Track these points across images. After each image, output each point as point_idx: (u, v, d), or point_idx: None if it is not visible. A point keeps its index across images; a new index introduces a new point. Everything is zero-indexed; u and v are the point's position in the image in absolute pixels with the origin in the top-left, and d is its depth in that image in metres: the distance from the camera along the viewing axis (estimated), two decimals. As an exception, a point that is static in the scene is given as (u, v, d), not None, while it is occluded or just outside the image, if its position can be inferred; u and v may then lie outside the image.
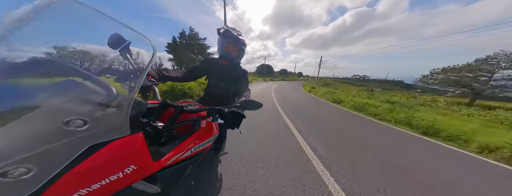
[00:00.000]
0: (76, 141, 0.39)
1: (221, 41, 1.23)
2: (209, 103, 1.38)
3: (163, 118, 0.87)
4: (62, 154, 0.37)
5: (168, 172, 0.67)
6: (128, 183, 0.51)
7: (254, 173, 1.67)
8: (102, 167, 0.45)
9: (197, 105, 1.03)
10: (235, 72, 1.32)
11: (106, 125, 0.46)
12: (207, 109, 0.81)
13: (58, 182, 0.37)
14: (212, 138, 0.96)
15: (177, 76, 1.14)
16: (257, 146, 2.30)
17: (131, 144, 0.51)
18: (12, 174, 0.31)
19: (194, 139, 0.81)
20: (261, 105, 0.83)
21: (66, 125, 0.37)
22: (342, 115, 5.44)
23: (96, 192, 0.43)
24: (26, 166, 0.32)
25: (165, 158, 0.63)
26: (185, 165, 0.78)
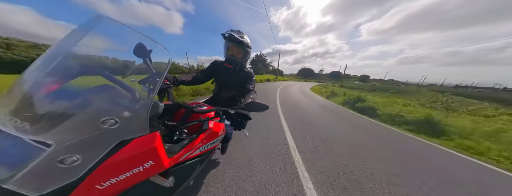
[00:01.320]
0: (109, 137, 0.47)
1: (226, 45, 1.25)
2: (217, 104, 1.43)
3: (176, 118, 0.93)
4: (99, 148, 0.45)
5: (179, 169, 0.72)
6: (146, 176, 0.57)
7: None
8: (127, 161, 0.51)
9: (206, 106, 1.07)
10: (241, 75, 1.35)
11: (131, 124, 0.52)
12: (214, 110, 0.84)
13: (96, 171, 0.45)
14: (219, 138, 0.99)
15: (188, 80, 1.22)
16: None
17: (150, 142, 0.56)
18: (66, 161, 0.39)
19: (202, 139, 0.84)
20: (267, 107, 0.82)
21: (102, 124, 0.45)
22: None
23: (122, 182, 0.50)
24: (76, 156, 0.40)
25: (177, 155, 0.68)
26: (194, 163, 0.83)
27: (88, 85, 0.52)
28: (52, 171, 0.39)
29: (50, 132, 0.39)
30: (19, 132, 0.38)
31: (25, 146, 0.39)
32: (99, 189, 0.47)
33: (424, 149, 2.87)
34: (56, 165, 0.38)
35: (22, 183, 0.36)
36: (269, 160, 1.86)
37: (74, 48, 0.48)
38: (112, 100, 0.52)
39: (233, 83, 1.36)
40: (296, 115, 4.22)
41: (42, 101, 0.43)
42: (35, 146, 0.39)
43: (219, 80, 1.42)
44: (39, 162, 0.37)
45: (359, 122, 4.37)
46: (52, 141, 0.39)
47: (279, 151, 2.13)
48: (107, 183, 0.48)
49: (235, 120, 0.82)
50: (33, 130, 0.39)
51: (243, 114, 0.81)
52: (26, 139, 0.39)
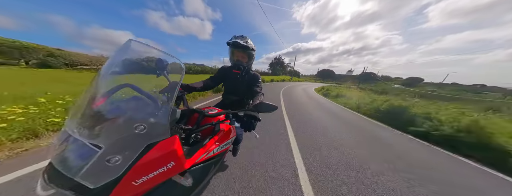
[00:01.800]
0: (140, 140, 0.55)
1: (231, 51, 1.31)
2: (226, 107, 1.50)
3: (191, 122, 0.98)
4: (133, 150, 0.54)
5: (196, 169, 0.77)
6: (169, 175, 0.62)
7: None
8: (154, 161, 0.57)
9: (216, 110, 1.11)
10: (247, 78, 1.39)
11: (156, 129, 0.60)
12: (224, 113, 0.88)
13: (132, 170, 0.53)
14: (230, 140, 1.03)
15: (200, 87, 1.31)
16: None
17: (171, 145, 0.61)
18: (111, 161, 0.49)
19: (215, 141, 0.88)
20: (276, 108, 0.83)
21: (135, 129, 0.54)
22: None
23: (151, 180, 0.57)
24: (117, 156, 0.50)
25: (194, 156, 0.73)
26: (210, 164, 0.87)
27: (123, 97, 0.63)
28: (102, 168, 0.48)
29: (101, 137, 0.50)
30: (82, 137, 0.49)
31: (87, 148, 0.50)
32: (134, 185, 0.54)
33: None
34: (105, 163, 0.48)
35: (85, 177, 0.47)
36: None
37: (113, 69, 0.60)
38: (141, 109, 0.62)
39: (240, 87, 1.42)
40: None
41: (94, 112, 0.54)
42: (92, 148, 0.49)
43: (227, 85, 1.51)
44: (94, 161, 0.47)
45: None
46: (102, 144, 0.49)
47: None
48: (140, 180, 0.55)
49: (245, 122, 0.84)
50: (90, 135, 0.49)
51: (252, 116, 0.83)
52: (86, 143, 0.50)
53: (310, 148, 2.39)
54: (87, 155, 0.49)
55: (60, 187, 0.48)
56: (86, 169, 0.47)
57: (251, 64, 1.42)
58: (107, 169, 0.49)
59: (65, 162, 0.51)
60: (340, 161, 2.08)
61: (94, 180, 0.47)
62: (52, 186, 0.48)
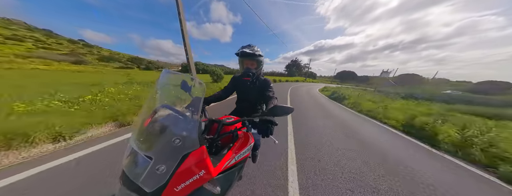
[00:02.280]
0: (177, 152, 0.64)
1: (241, 61, 1.40)
2: (241, 114, 1.56)
3: (211, 132, 1.02)
4: (173, 160, 0.63)
5: (222, 177, 0.81)
6: (201, 183, 0.67)
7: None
8: (189, 170, 0.64)
9: (233, 118, 1.14)
10: (258, 84, 1.45)
11: (188, 141, 0.66)
12: (240, 121, 0.90)
13: (173, 177, 0.62)
14: (249, 146, 1.04)
15: (216, 97, 1.44)
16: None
17: (200, 154, 0.67)
18: (159, 169, 0.59)
19: (235, 149, 0.91)
20: (291, 110, 0.82)
21: (173, 142, 0.64)
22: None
23: (188, 186, 0.64)
24: (163, 166, 0.60)
25: (218, 165, 0.78)
26: (233, 172, 0.90)
27: (163, 116, 0.78)
28: (154, 175, 0.59)
29: (151, 150, 0.62)
30: (139, 150, 0.62)
31: (143, 159, 0.63)
32: (175, 191, 0.62)
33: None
34: (155, 172, 0.59)
35: (144, 182, 0.58)
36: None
37: (154, 94, 0.79)
38: (176, 125, 0.73)
39: (252, 93, 1.48)
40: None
41: (145, 130, 0.69)
42: (146, 159, 0.62)
43: (239, 93, 1.60)
44: (149, 169, 0.59)
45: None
46: (152, 156, 0.61)
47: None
48: (179, 187, 0.62)
49: (261, 127, 0.84)
50: (144, 149, 0.63)
51: (268, 120, 0.84)
52: (142, 155, 0.63)
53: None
54: (144, 164, 0.61)
55: (129, 188, 0.61)
56: (144, 176, 0.59)
57: (261, 70, 1.47)
58: (157, 176, 0.59)
59: (131, 169, 0.65)
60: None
61: (150, 185, 0.58)
62: (125, 188, 0.62)
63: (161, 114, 0.78)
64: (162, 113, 0.79)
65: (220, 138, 0.89)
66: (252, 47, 1.34)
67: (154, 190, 0.58)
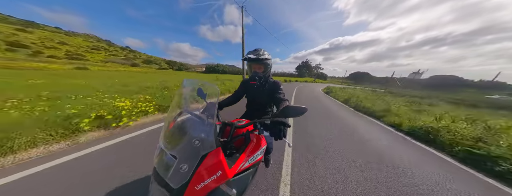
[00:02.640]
0: (197, 152, 0.69)
1: (248, 65, 1.44)
2: (252, 117, 1.56)
3: (225, 135, 1.04)
4: (194, 160, 0.68)
5: (237, 180, 0.82)
6: (218, 183, 0.69)
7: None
8: (207, 170, 0.67)
9: (244, 121, 1.15)
10: (267, 87, 1.45)
11: (205, 143, 0.71)
12: (252, 123, 0.91)
13: (194, 176, 0.66)
14: (262, 150, 1.04)
15: (228, 102, 1.50)
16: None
17: (217, 156, 0.70)
18: (182, 168, 0.65)
19: (248, 152, 0.92)
20: (305, 110, 0.78)
21: (193, 143, 0.69)
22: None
23: (206, 186, 0.66)
24: (185, 165, 0.65)
25: (233, 167, 0.78)
26: (247, 175, 0.90)
27: (184, 119, 0.86)
28: (178, 173, 0.65)
29: (176, 150, 0.69)
30: (166, 150, 0.70)
31: (170, 158, 0.69)
32: (196, 190, 0.65)
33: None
34: (179, 170, 0.65)
35: (170, 178, 0.64)
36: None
37: (176, 99, 0.89)
38: (195, 128, 0.79)
39: (260, 96, 1.49)
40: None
41: (170, 132, 0.78)
42: (172, 158, 0.69)
43: (248, 96, 1.61)
44: (174, 167, 0.65)
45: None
46: (177, 155, 0.67)
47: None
48: (199, 186, 0.65)
49: (273, 129, 0.82)
50: (169, 148, 0.70)
51: (279, 122, 0.81)
52: (169, 154, 0.70)
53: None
54: (171, 163, 0.68)
55: (159, 184, 0.67)
56: (171, 173, 0.65)
57: (269, 72, 1.47)
58: (181, 174, 0.65)
59: (160, 167, 0.72)
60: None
61: (175, 182, 0.64)
62: (156, 183, 0.69)
63: (182, 118, 0.87)
64: (183, 117, 0.88)
65: (233, 140, 0.91)
66: (258, 51, 1.34)
67: (179, 187, 0.64)
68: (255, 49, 1.40)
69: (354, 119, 5.01)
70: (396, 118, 4.62)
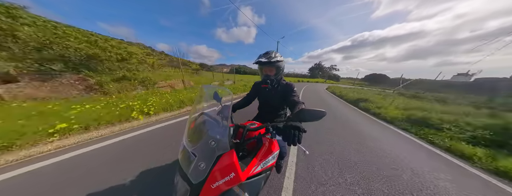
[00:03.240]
0: (213, 152, 0.72)
1: (259, 68, 1.43)
2: (264, 120, 1.56)
3: (237, 137, 1.02)
4: (210, 159, 0.71)
5: (249, 183, 0.82)
6: (231, 185, 0.70)
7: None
8: (222, 170, 0.69)
9: (256, 124, 1.14)
10: (280, 89, 1.42)
11: (220, 144, 0.75)
12: (264, 127, 0.89)
13: (210, 175, 0.68)
14: (274, 155, 1.02)
15: (241, 104, 1.56)
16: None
17: (231, 157, 0.72)
18: (201, 166, 0.70)
19: (260, 156, 0.92)
20: (323, 113, 0.72)
21: (210, 144, 0.75)
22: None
23: (220, 186, 0.69)
24: (203, 163, 0.71)
25: (246, 170, 0.79)
26: (259, 180, 0.89)
27: (202, 121, 0.94)
28: (197, 170, 0.71)
29: (195, 148, 0.76)
30: (188, 147, 0.78)
31: (190, 155, 0.76)
32: (211, 188, 0.68)
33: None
34: (198, 167, 0.70)
35: (191, 174, 0.70)
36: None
37: (195, 103, 0.98)
38: (212, 129, 0.86)
39: (272, 99, 1.48)
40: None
41: (191, 131, 0.86)
42: (193, 155, 0.75)
43: (260, 99, 1.61)
44: (194, 164, 0.72)
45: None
46: (196, 153, 0.74)
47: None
48: (214, 185, 0.68)
49: (286, 134, 0.77)
50: (190, 146, 0.77)
51: (293, 126, 0.76)
52: (190, 151, 0.77)
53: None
54: (191, 159, 0.75)
55: (183, 178, 0.74)
56: (191, 169, 0.71)
57: (281, 75, 1.44)
58: (199, 171, 0.70)
59: (183, 162, 0.79)
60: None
61: (195, 178, 0.70)
62: (180, 177, 0.76)
63: (201, 119, 0.95)
64: (202, 118, 0.96)
65: (245, 143, 0.91)
66: (269, 54, 1.33)
67: (197, 183, 0.69)
68: (266, 52, 1.39)
69: (332, 99, 9.62)
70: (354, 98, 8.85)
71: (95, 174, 1.68)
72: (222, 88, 1.08)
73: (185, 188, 0.71)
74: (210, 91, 1.09)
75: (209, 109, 1.09)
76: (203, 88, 1.07)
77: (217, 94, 1.17)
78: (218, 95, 1.16)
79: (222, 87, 1.07)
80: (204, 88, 1.07)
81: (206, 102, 1.09)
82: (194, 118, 0.96)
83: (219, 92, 1.13)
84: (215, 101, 1.17)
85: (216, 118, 0.95)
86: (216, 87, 1.10)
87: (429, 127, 4.08)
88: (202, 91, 1.07)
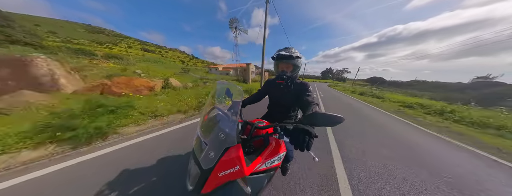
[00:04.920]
0: (222, 144, 0.79)
1: (276, 64, 1.36)
2: (273, 119, 1.51)
3: (245, 133, 1.04)
4: (219, 150, 0.78)
5: (253, 179, 0.86)
6: (235, 177, 0.75)
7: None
8: (229, 161, 0.75)
9: (265, 123, 1.15)
10: (294, 88, 1.35)
11: (228, 137, 0.80)
12: (272, 126, 0.90)
13: (218, 164, 0.75)
14: (280, 156, 1.02)
15: (250, 100, 1.55)
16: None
17: (237, 151, 0.76)
18: (210, 154, 0.78)
19: (265, 155, 0.94)
20: (340, 120, 0.65)
21: (219, 136, 0.81)
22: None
23: (226, 176, 0.75)
24: (212, 152, 0.78)
25: (250, 165, 0.83)
26: (263, 177, 0.92)
27: (214, 114, 1.03)
28: (207, 158, 0.78)
29: (207, 138, 0.84)
30: (201, 137, 0.87)
31: (202, 143, 0.85)
32: (218, 176, 0.75)
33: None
34: (208, 155, 0.78)
35: (202, 160, 0.79)
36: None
37: (211, 98, 1.08)
38: (222, 122, 0.92)
39: (285, 97, 1.40)
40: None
41: (205, 123, 0.95)
42: (204, 144, 0.83)
43: (272, 96, 1.54)
44: (205, 151, 0.80)
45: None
46: (207, 142, 0.82)
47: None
48: (221, 173, 0.75)
49: (295, 137, 0.71)
50: (203, 136, 0.86)
51: (303, 130, 0.69)
52: (202, 140, 0.86)
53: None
54: (203, 147, 0.83)
55: (195, 162, 0.83)
56: (202, 156, 0.79)
57: (297, 73, 1.36)
58: (209, 159, 0.78)
59: (196, 149, 0.88)
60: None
61: (205, 164, 0.78)
62: (193, 161, 0.85)
63: (213, 113, 1.03)
64: (214, 112, 1.04)
65: (252, 140, 0.93)
66: (289, 49, 1.28)
67: (207, 169, 0.77)
68: (285, 47, 1.33)
69: (328, 88, 22.96)
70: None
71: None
72: (233, 85, 1.14)
73: (197, 171, 0.80)
74: (222, 87, 1.16)
75: (221, 105, 1.17)
76: (217, 84, 1.16)
77: (229, 91, 1.23)
78: (229, 91, 1.23)
79: (234, 84, 1.13)
80: (218, 84, 1.16)
81: (218, 97, 1.16)
82: (208, 112, 1.05)
83: (230, 88, 1.19)
84: (227, 97, 1.24)
85: (227, 113, 1.01)
86: (228, 84, 1.15)
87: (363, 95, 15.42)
88: (216, 87, 1.16)
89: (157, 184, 1.58)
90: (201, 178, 0.77)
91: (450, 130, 4.70)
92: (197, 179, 0.79)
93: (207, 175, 0.76)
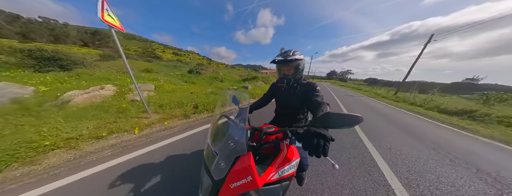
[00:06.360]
0: (232, 153, 0.75)
1: (277, 68, 1.36)
2: (281, 123, 1.45)
3: (254, 140, 1.00)
4: (229, 160, 0.74)
5: (267, 190, 0.80)
6: (248, 189, 0.70)
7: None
8: (240, 171, 0.71)
9: (273, 128, 1.10)
10: (300, 89, 1.31)
11: (238, 145, 0.77)
12: (281, 131, 0.84)
13: (230, 174, 0.71)
14: (294, 163, 0.96)
15: (257, 105, 1.53)
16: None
17: (247, 159, 0.72)
18: (221, 164, 0.75)
19: (278, 163, 0.89)
20: (358, 119, 0.56)
21: (229, 144, 0.79)
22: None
23: (238, 188, 0.70)
24: (223, 162, 0.75)
25: (263, 175, 0.78)
26: (277, 189, 0.85)
27: (223, 122, 1.02)
28: (218, 168, 0.76)
29: (217, 147, 0.82)
30: (211, 146, 0.84)
31: (214, 153, 0.82)
32: (230, 188, 0.71)
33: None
34: (219, 165, 0.75)
35: (213, 170, 0.76)
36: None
37: (219, 106, 1.06)
38: (231, 130, 0.90)
39: (291, 100, 1.37)
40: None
41: (214, 131, 0.93)
42: (215, 154, 0.81)
43: (277, 100, 1.52)
44: (215, 162, 0.77)
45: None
46: (218, 152, 0.79)
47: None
48: (233, 185, 0.70)
49: (308, 142, 0.64)
50: (213, 145, 0.83)
51: (317, 133, 0.63)
52: (212, 149, 0.83)
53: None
54: (213, 156, 0.81)
55: (206, 173, 0.80)
56: (213, 166, 0.77)
57: (301, 74, 1.33)
58: (220, 170, 0.75)
59: (208, 158, 0.86)
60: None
61: (216, 174, 0.75)
62: (204, 172, 0.82)
63: (222, 121, 1.02)
64: (222, 120, 1.03)
65: (262, 147, 0.88)
66: (287, 52, 1.25)
67: (218, 180, 0.74)
68: (285, 51, 1.30)
69: (327, 84, 39.09)
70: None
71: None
72: (239, 93, 1.14)
73: (208, 182, 0.77)
74: (229, 94, 1.16)
75: (229, 112, 1.16)
76: (224, 92, 1.17)
77: (235, 98, 1.23)
78: (236, 99, 1.22)
79: (240, 92, 1.12)
80: (224, 92, 1.17)
81: (226, 105, 1.17)
82: (216, 120, 1.05)
83: (237, 96, 1.19)
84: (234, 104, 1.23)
85: (235, 121, 1.00)
86: (235, 92, 1.16)
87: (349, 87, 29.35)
88: (223, 94, 1.17)
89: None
90: (213, 190, 0.75)
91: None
92: (209, 191, 0.76)
93: (219, 186, 0.73)
